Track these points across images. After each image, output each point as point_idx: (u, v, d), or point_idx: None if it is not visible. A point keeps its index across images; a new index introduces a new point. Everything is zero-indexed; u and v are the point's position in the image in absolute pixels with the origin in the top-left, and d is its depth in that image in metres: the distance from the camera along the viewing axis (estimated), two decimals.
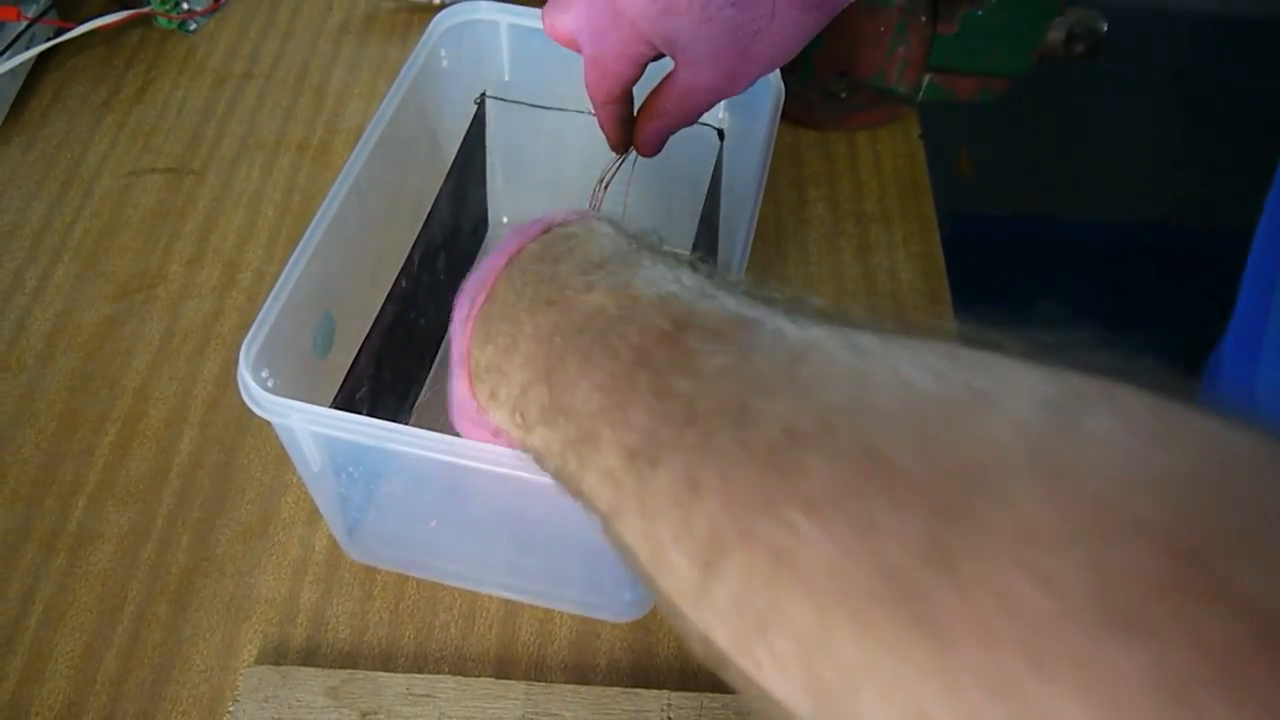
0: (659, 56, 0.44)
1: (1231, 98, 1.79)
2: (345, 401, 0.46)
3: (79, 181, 0.70)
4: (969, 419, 0.21)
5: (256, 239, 0.67)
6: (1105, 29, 0.71)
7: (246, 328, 0.42)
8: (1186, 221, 1.73)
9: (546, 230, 0.34)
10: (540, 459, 0.31)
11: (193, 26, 0.80)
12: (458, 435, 0.38)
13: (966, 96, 0.73)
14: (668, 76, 0.45)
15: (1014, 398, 0.21)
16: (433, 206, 0.53)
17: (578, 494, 0.29)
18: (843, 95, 0.73)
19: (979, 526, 0.19)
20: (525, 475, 0.39)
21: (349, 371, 0.47)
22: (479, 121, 0.58)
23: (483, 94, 0.58)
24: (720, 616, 0.23)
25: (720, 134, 0.57)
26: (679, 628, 0.25)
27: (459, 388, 0.34)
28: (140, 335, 0.62)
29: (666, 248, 0.33)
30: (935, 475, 0.20)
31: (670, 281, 0.30)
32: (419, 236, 0.52)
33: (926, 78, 0.71)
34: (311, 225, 0.46)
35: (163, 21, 0.79)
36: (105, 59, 0.77)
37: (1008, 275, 1.50)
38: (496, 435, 0.35)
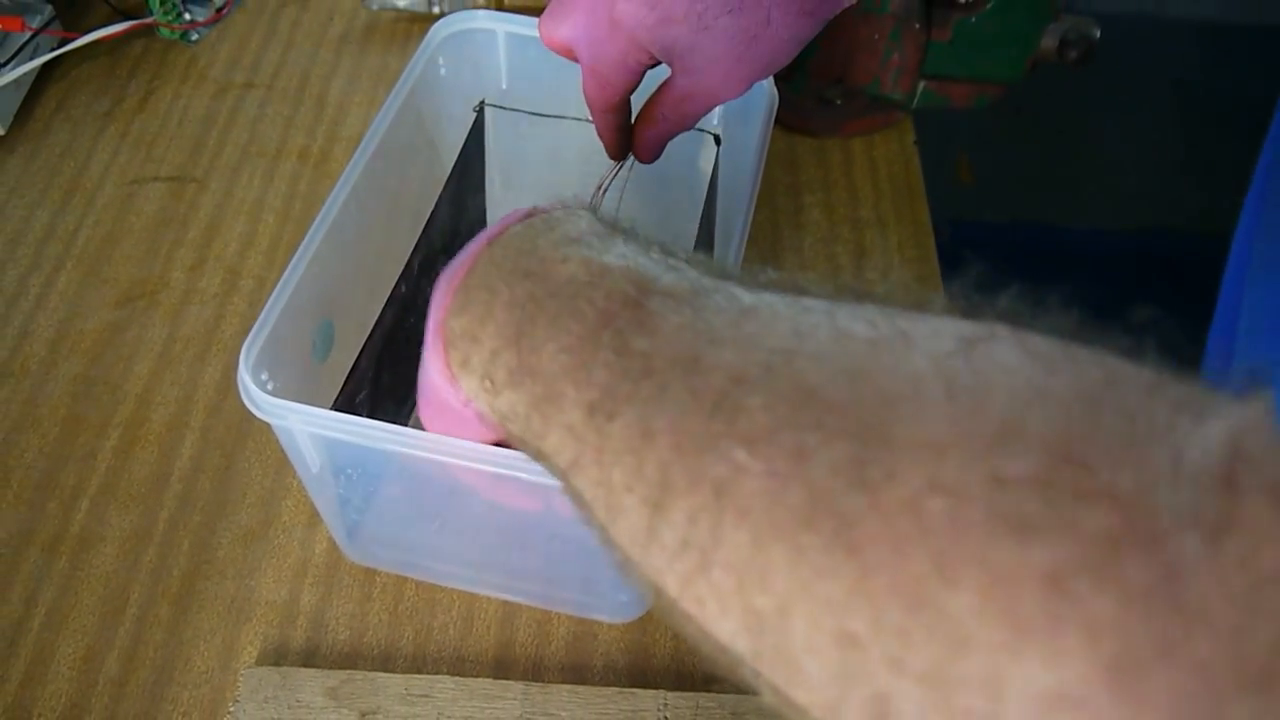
0: (656, 64, 0.45)
1: (1230, 105, 1.80)
2: (345, 405, 0.46)
3: (82, 190, 0.70)
4: (891, 355, 0.23)
5: (258, 246, 0.67)
6: (1098, 35, 0.71)
7: (248, 334, 0.43)
8: (1186, 229, 1.74)
9: (529, 215, 0.35)
10: (506, 421, 0.32)
11: (195, 37, 0.80)
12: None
13: (961, 103, 0.73)
14: (665, 84, 0.46)
15: (933, 336, 0.23)
16: (432, 212, 0.54)
17: (539, 454, 0.30)
18: (838, 102, 0.74)
19: (894, 447, 0.21)
20: (522, 476, 0.40)
21: (349, 375, 0.47)
22: (477, 129, 0.59)
23: (481, 102, 0.59)
24: (668, 558, 0.25)
25: (717, 139, 0.57)
26: (632, 579, 0.27)
27: (431, 362, 0.35)
28: (142, 341, 0.62)
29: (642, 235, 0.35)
30: (859, 405, 0.22)
31: (638, 255, 0.31)
32: (418, 242, 0.53)
33: (921, 84, 0.72)
34: (311, 230, 0.47)
35: (165, 32, 0.80)
36: (108, 69, 0.78)
37: (1007, 282, 1.50)
38: (463, 423, 0.36)
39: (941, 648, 0.19)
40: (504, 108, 0.60)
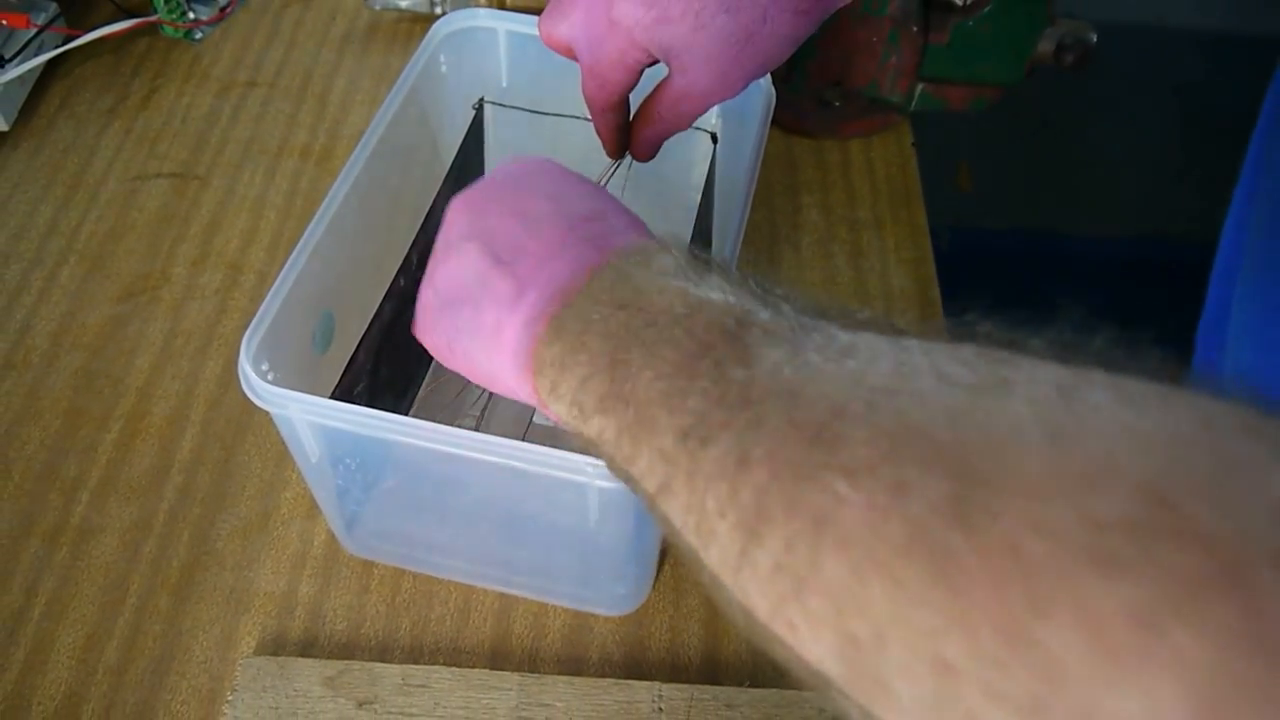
0: (654, 63, 0.45)
1: (1229, 114, 1.80)
2: (343, 397, 0.47)
3: (85, 185, 0.71)
4: (991, 399, 0.23)
5: (259, 242, 0.68)
6: (1095, 40, 0.72)
7: (248, 326, 0.43)
8: (1184, 236, 1.74)
9: (623, 248, 0.35)
10: (594, 446, 0.32)
11: (198, 35, 0.81)
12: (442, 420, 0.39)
13: (959, 105, 0.74)
14: (662, 83, 0.46)
15: (1030, 382, 0.24)
16: (431, 207, 0.54)
17: (628, 478, 0.30)
18: (836, 104, 0.74)
19: (994, 488, 0.21)
20: (520, 466, 0.40)
21: (347, 367, 0.48)
22: (477, 125, 0.59)
23: (481, 99, 0.60)
24: (760, 582, 0.25)
25: (714, 138, 0.58)
26: (720, 599, 0.27)
27: (513, 380, 0.35)
28: (144, 335, 0.63)
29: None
30: (959, 444, 0.22)
31: (735, 289, 0.31)
32: (417, 236, 0.53)
33: (919, 87, 0.72)
34: (312, 223, 0.47)
35: (169, 30, 0.80)
36: (112, 66, 0.79)
37: (1007, 289, 1.51)
38: (450, 349, 0.38)
39: (1036, 679, 0.20)
40: (503, 105, 0.60)
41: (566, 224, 0.36)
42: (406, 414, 0.57)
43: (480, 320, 0.36)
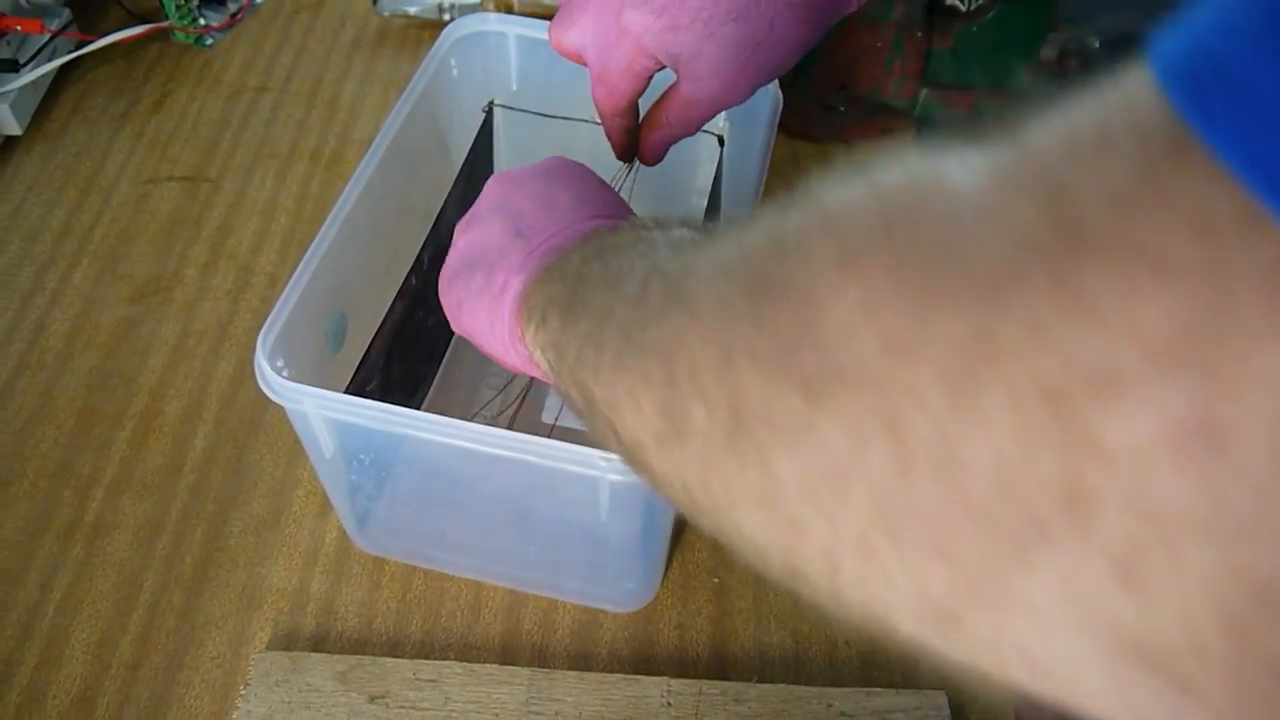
0: (662, 69, 0.46)
1: None
2: (356, 393, 0.47)
3: (98, 189, 0.72)
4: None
5: (270, 244, 0.69)
6: (1098, 47, 0.73)
7: (260, 328, 0.44)
8: None
9: (615, 220, 0.39)
10: (561, 383, 0.34)
11: (209, 41, 0.82)
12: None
13: (961, 110, 0.75)
14: (670, 89, 0.47)
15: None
16: (441, 208, 0.55)
17: (588, 398, 0.31)
18: (841, 109, 0.75)
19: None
20: (533, 460, 0.41)
21: (360, 364, 0.49)
22: (487, 128, 0.60)
23: (491, 102, 0.60)
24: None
25: (721, 141, 0.58)
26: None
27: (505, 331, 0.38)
28: (156, 336, 0.64)
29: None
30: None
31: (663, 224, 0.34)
32: (428, 237, 0.54)
33: (923, 92, 0.73)
34: (325, 224, 0.48)
35: (180, 36, 0.81)
36: (124, 71, 0.80)
37: None
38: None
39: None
40: (513, 108, 0.61)
41: (581, 213, 0.39)
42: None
43: (491, 282, 0.39)
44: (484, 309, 0.39)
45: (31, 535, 0.55)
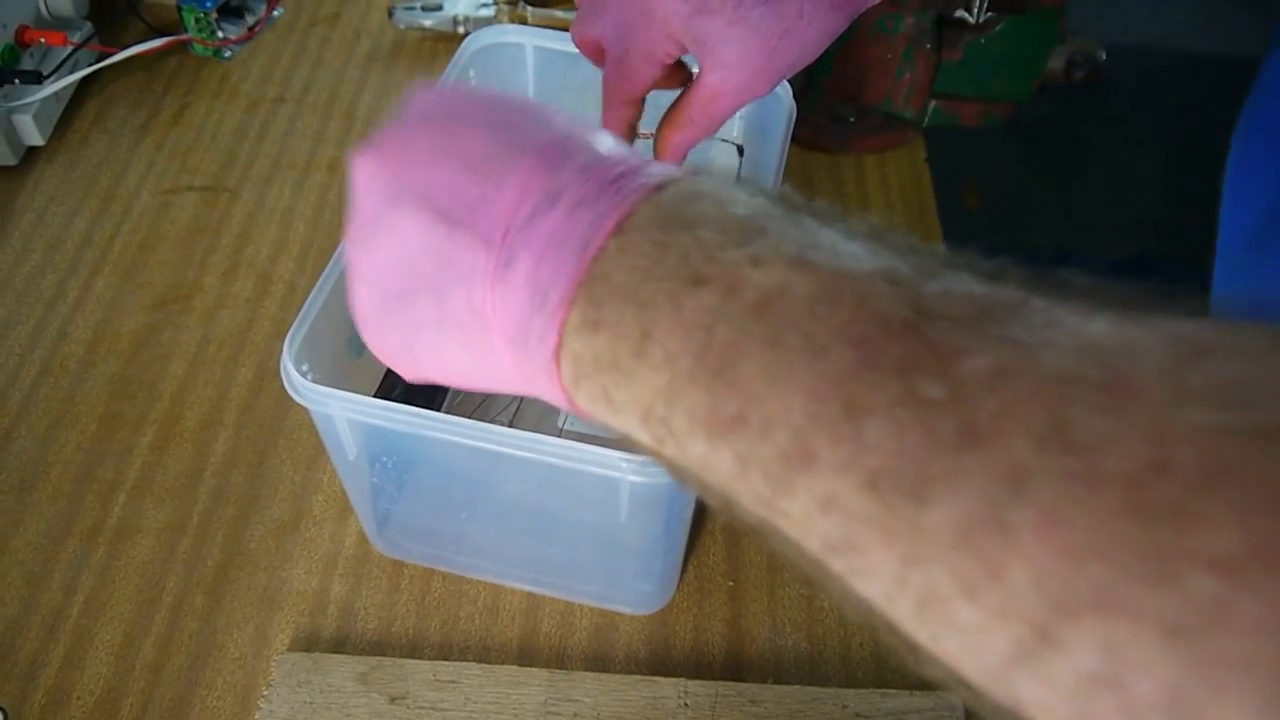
0: (683, 54, 0.45)
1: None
2: (383, 398, 0.48)
3: (119, 199, 0.73)
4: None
5: (288, 253, 0.69)
6: (1104, 58, 0.74)
7: (280, 336, 0.45)
8: (1189, 255, 1.76)
9: (659, 188, 0.26)
10: (690, 476, 0.25)
11: (227, 54, 0.83)
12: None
13: (970, 121, 0.75)
14: (692, 85, 0.45)
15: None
16: None
17: (763, 521, 0.23)
18: (851, 120, 0.76)
19: None
20: (554, 461, 0.41)
21: (388, 370, 0.49)
22: None
23: None
24: (1056, 695, 0.19)
25: (740, 150, 0.59)
26: (967, 698, 0.21)
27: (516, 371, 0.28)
28: (177, 343, 0.64)
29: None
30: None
31: (870, 252, 0.23)
32: None
33: (932, 103, 0.74)
34: None
35: (199, 48, 0.82)
36: (144, 83, 0.81)
37: None
38: (407, 354, 0.30)
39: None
40: None
41: (532, 159, 0.27)
42: None
43: (447, 308, 0.28)
44: (454, 344, 0.29)
45: (55, 539, 0.56)
